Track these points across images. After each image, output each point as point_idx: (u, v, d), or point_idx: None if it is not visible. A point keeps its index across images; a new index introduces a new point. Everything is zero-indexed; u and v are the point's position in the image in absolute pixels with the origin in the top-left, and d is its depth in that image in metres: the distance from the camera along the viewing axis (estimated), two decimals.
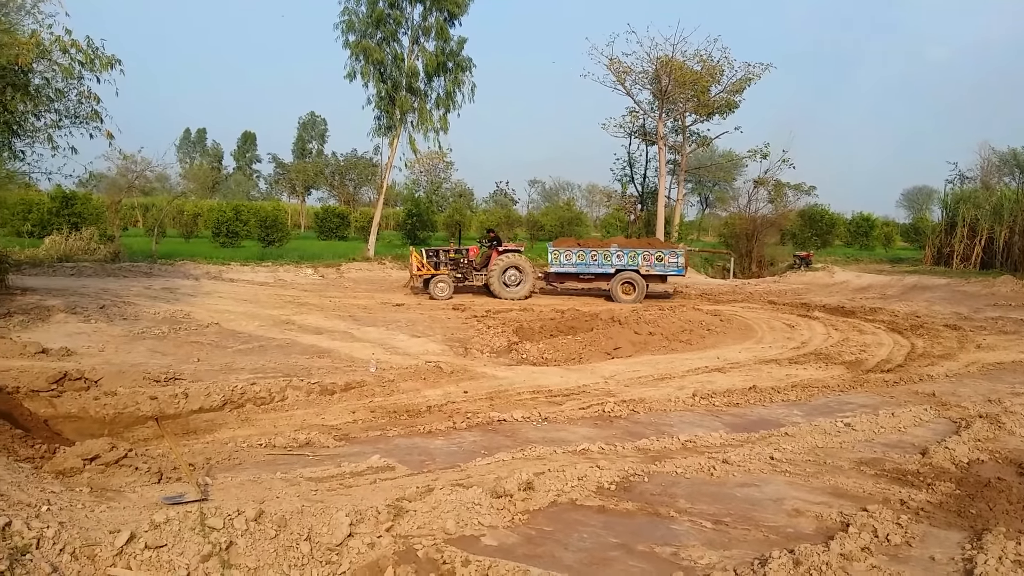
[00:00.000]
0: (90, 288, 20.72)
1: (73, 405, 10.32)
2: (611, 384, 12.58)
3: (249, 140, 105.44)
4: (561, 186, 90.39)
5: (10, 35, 14.89)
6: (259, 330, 16.55)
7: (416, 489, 6.82)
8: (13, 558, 4.77)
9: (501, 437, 9.51)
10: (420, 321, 18.83)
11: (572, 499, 6.96)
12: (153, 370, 11.96)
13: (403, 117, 35.70)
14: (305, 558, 5.45)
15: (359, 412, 10.67)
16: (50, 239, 30.19)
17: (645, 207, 47.58)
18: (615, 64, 41.94)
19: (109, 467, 7.33)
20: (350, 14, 34.39)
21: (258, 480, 7.41)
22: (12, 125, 15.78)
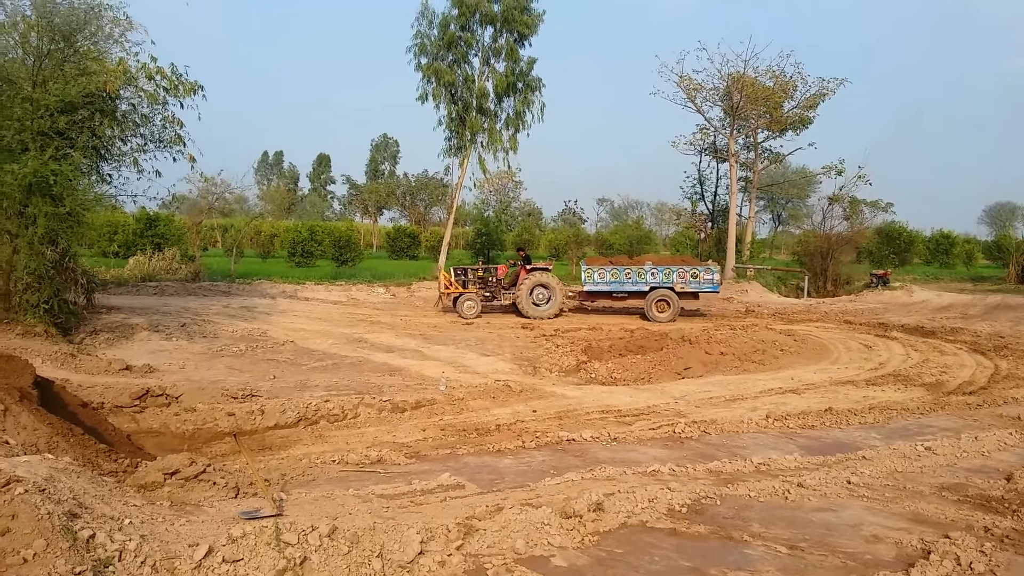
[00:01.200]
0: (172, 307, 21.41)
1: (155, 420, 10.68)
2: (682, 404, 12.44)
3: (324, 162, 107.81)
4: (630, 204, 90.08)
5: (99, 63, 15.57)
6: (332, 348, 16.86)
7: (486, 508, 6.85)
8: (96, 570, 4.94)
9: (570, 457, 9.48)
10: (489, 340, 18.93)
11: (643, 521, 6.89)
12: (231, 387, 12.30)
13: (473, 137, 36.03)
14: (377, 575, 5.52)
15: (429, 430, 10.77)
16: (134, 259, 31.33)
17: (716, 225, 47.07)
18: (685, 81, 41.76)
19: (188, 481, 7.54)
20: (422, 37, 34.97)
21: (331, 496, 7.53)
22: (100, 149, 16.45)
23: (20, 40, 14.94)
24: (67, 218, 14.63)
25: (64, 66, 15.08)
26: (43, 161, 13.98)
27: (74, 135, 15.22)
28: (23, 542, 5.06)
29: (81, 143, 15.37)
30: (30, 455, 7.00)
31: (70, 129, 15.06)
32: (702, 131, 45.18)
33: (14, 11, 14.90)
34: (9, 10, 14.90)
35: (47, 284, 14.99)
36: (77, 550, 5.07)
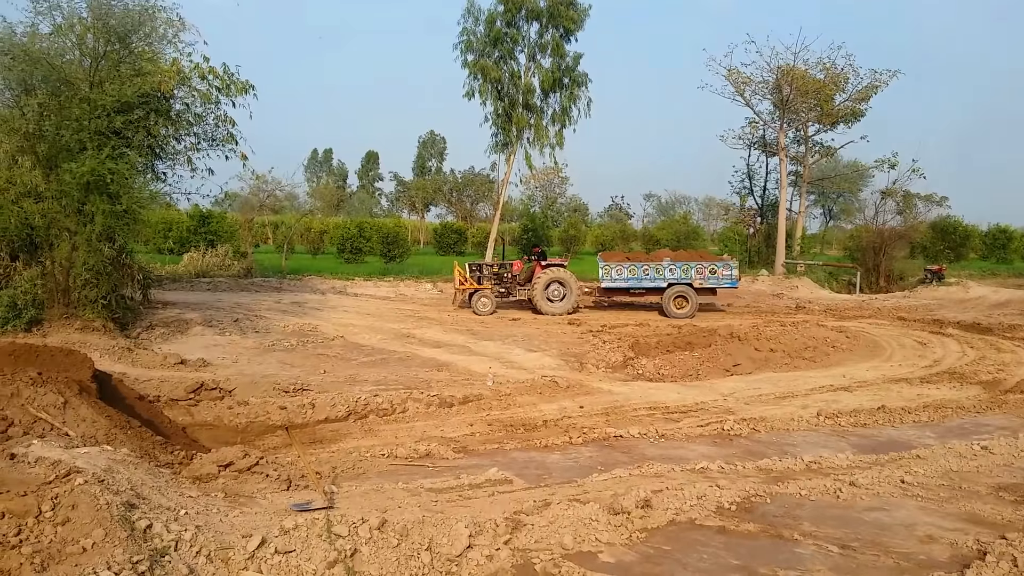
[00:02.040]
0: (225, 302, 21.78)
1: (209, 414, 10.91)
2: (730, 402, 12.33)
3: (372, 159, 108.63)
4: (677, 199, 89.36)
5: (153, 64, 15.90)
6: (381, 343, 17.02)
7: (533, 503, 6.87)
8: (153, 559, 5.06)
9: (618, 453, 9.46)
10: (536, 336, 18.94)
11: (691, 518, 6.86)
12: (282, 381, 12.50)
13: (519, 134, 36.03)
14: (426, 568, 5.58)
15: (477, 425, 10.83)
16: (188, 256, 31.95)
17: (765, 220, 46.41)
18: (734, 75, 41.18)
19: (242, 474, 7.69)
20: (468, 34, 35.06)
21: (381, 489, 7.62)
22: (155, 148, 16.81)
23: (77, 42, 15.30)
24: (124, 215, 14.96)
25: (120, 67, 15.41)
26: (100, 160, 14.31)
27: (130, 134, 15.56)
28: (83, 531, 5.20)
29: (137, 142, 15.72)
30: (89, 447, 7.19)
31: (126, 128, 15.40)
32: (751, 125, 44.54)
33: (71, 13, 15.26)
34: (66, 12, 15.27)
35: (105, 280, 15.35)
36: (135, 540, 5.21)
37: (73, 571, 4.73)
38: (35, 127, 14.51)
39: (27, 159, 15.37)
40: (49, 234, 15.10)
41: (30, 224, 14.89)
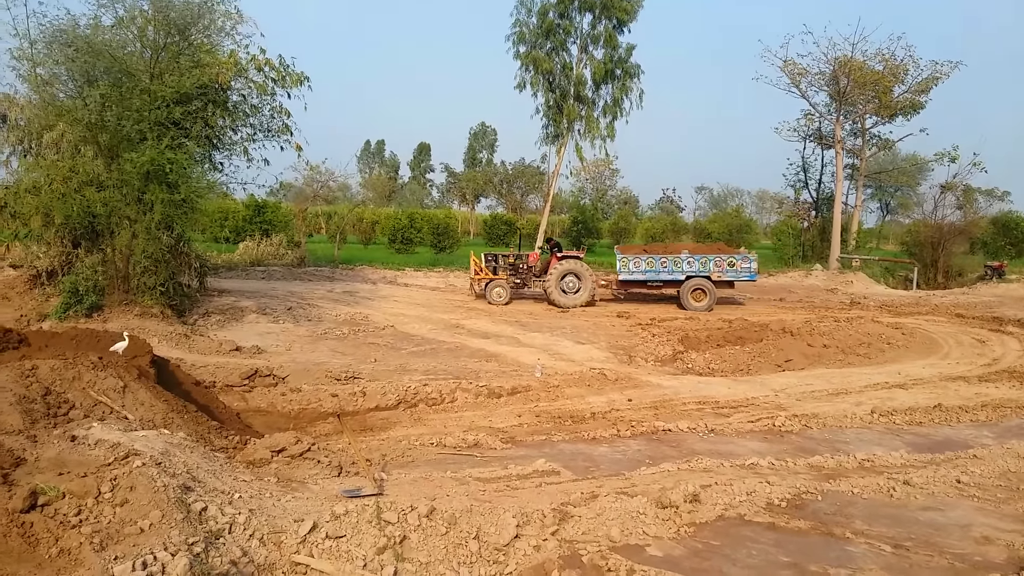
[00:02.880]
0: (279, 291, 22.13)
1: (262, 400, 11.12)
2: (782, 397, 12.18)
3: (424, 151, 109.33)
4: (729, 192, 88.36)
5: (211, 55, 16.19)
6: (431, 333, 17.13)
7: (581, 495, 6.88)
8: (208, 541, 5.18)
9: (666, 447, 9.42)
10: (584, 328, 18.90)
11: (740, 514, 6.80)
12: (334, 369, 12.67)
13: (570, 125, 35.94)
14: (473, 556, 5.62)
15: (525, 416, 10.85)
16: (244, 244, 32.53)
17: (820, 214, 45.64)
18: (789, 66, 40.51)
19: (294, 459, 7.82)
20: (521, 26, 35.07)
21: (429, 478, 7.69)
22: (212, 139, 17.14)
23: (138, 34, 15.64)
24: (182, 204, 15.28)
25: (179, 59, 15.71)
26: (160, 150, 14.63)
27: (188, 125, 15.88)
28: (140, 512, 5.34)
29: (195, 133, 16.04)
30: (147, 430, 7.37)
31: (184, 119, 15.72)
32: (807, 117, 43.80)
33: (132, 6, 15.61)
34: (128, 5, 15.61)
35: (163, 268, 15.70)
36: (190, 521, 5.33)
37: (131, 551, 4.86)
38: (97, 117, 14.87)
39: (89, 149, 15.76)
40: (110, 222, 15.48)
41: (92, 212, 15.27)
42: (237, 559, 5.11)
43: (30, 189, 15.70)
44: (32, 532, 5.04)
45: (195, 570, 4.67)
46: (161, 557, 4.73)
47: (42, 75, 15.36)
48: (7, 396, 7.47)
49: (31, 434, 6.92)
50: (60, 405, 7.70)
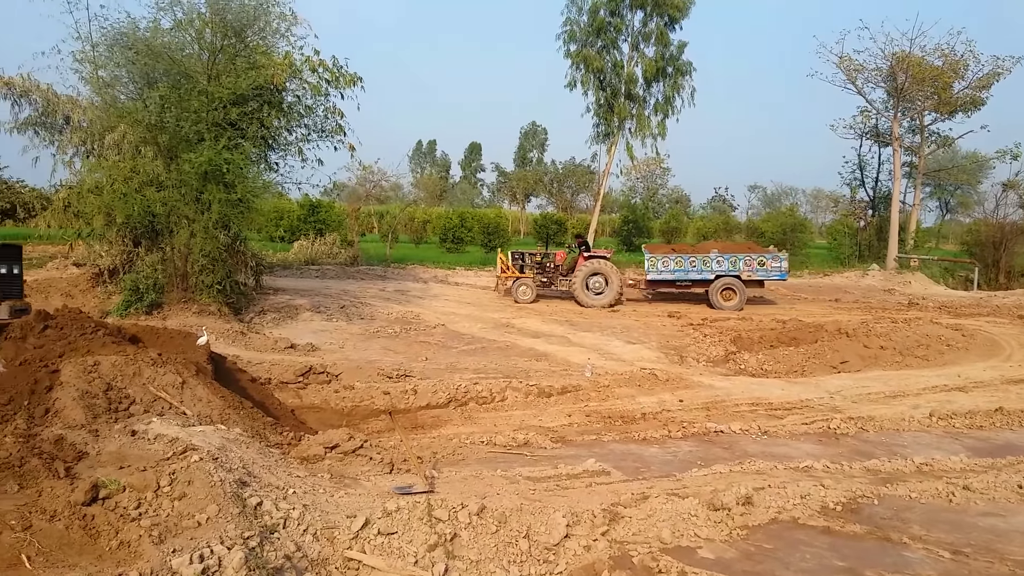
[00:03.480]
0: (332, 289, 22.40)
1: (316, 397, 11.28)
2: (837, 399, 11.97)
3: (475, 150, 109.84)
4: (783, 191, 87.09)
5: (267, 57, 16.45)
6: (481, 332, 17.19)
7: (631, 496, 6.84)
8: (263, 535, 5.27)
9: (718, 449, 9.32)
10: (635, 328, 18.79)
11: (794, 517, 6.71)
12: (386, 367, 12.80)
13: (621, 124, 35.78)
14: (523, 555, 5.63)
15: (575, 416, 10.83)
16: (298, 244, 33.04)
17: (877, 213, 44.73)
18: (845, 62, 39.76)
19: (347, 456, 7.92)
20: (572, 24, 35.01)
21: (480, 476, 7.72)
22: (268, 139, 17.43)
23: (196, 36, 15.96)
24: (238, 204, 15.57)
25: (235, 60, 15.99)
26: (217, 150, 14.92)
27: (244, 126, 16.18)
28: (198, 506, 5.46)
29: (251, 133, 16.32)
30: (205, 426, 7.53)
31: (241, 120, 16.02)
32: (863, 114, 43.00)
33: (191, 9, 15.92)
34: (186, 8, 15.93)
35: (220, 266, 16.02)
36: (246, 516, 5.42)
37: (188, 544, 4.96)
38: (157, 119, 15.23)
39: (149, 149, 16.15)
40: (169, 221, 15.84)
41: (152, 212, 15.64)
42: (291, 554, 5.18)
43: (92, 189, 16.15)
44: (93, 524, 5.18)
45: (250, 564, 4.74)
46: (218, 550, 4.82)
47: (104, 77, 15.76)
48: (70, 391, 7.69)
49: (93, 428, 7.12)
50: (121, 400, 7.90)
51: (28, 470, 6.10)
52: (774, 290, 26.91)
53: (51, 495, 5.51)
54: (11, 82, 19.33)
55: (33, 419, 7.30)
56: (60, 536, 5.05)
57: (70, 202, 18.20)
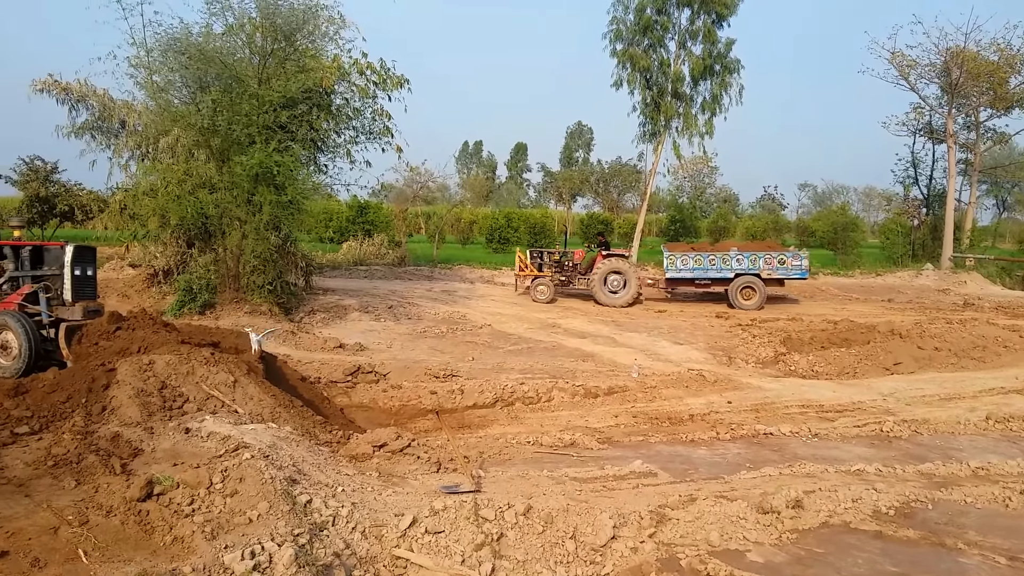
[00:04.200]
0: (380, 290, 22.61)
1: (365, 396, 11.41)
2: (890, 402, 11.75)
3: (521, 151, 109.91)
4: (834, 189, 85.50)
5: (316, 60, 16.64)
6: (527, 332, 17.21)
7: (679, 498, 6.80)
8: (313, 533, 5.34)
9: (767, 451, 9.22)
10: (683, 328, 18.66)
11: (845, 521, 6.60)
12: (433, 367, 12.87)
13: (668, 123, 35.52)
14: (570, 556, 5.63)
15: (621, 416, 10.79)
16: (347, 244, 33.44)
17: (931, 211, 43.76)
18: (898, 58, 38.94)
19: (395, 455, 7.99)
20: (618, 23, 34.85)
21: (526, 476, 7.73)
22: (317, 142, 17.64)
23: (247, 41, 16.19)
24: (289, 205, 15.78)
25: (285, 64, 16.20)
26: (268, 153, 15.13)
27: (294, 128, 16.39)
28: (249, 503, 5.56)
29: (300, 136, 16.54)
30: (256, 424, 7.66)
31: (291, 123, 16.23)
32: (916, 110, 42.02)
33: (242, 13, 16.14)
34: (237, 13, 16.16)
35: (271, 267, 16.27)
36: (296, 513, 5.51)
37: (240, 540, 5.06)
38: (209, 122, 15.49)
39: (202, 152, 16.46)
40: (221, 223, 16.14)
41: (204, 213, 15.94)
42: (340, 551, 5.25)
43: (147, 192, 16.51)
44: (148, 520, 5.31)
45: (300, 561, 4.81)
46: (268, 547, 4.90)
47: (158, 82, 16.07)
48: (127, 389, 7.89)
49: (148, 426, 7.30)
50: (175, 399, 8.09)
51: (85, 466, 6.28)
52: (822, 290, 26.48)
53: (107, 491, 5.65)
54: (69, 87, 19.83)
55: (91, 416, 7.51)
56: (116, 531, 5.18)
57: (126, 204, 18.63)
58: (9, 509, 5.42)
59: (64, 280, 10.08)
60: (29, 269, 10.24)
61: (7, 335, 9.46)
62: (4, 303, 9.95)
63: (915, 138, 44.22)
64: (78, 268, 10.15)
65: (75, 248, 10.18)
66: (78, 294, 10.13)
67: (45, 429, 7.25)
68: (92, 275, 10.59)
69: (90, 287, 10.53)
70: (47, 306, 9.84)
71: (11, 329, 9.40)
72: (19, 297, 9.96)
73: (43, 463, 6.39)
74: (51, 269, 10.25)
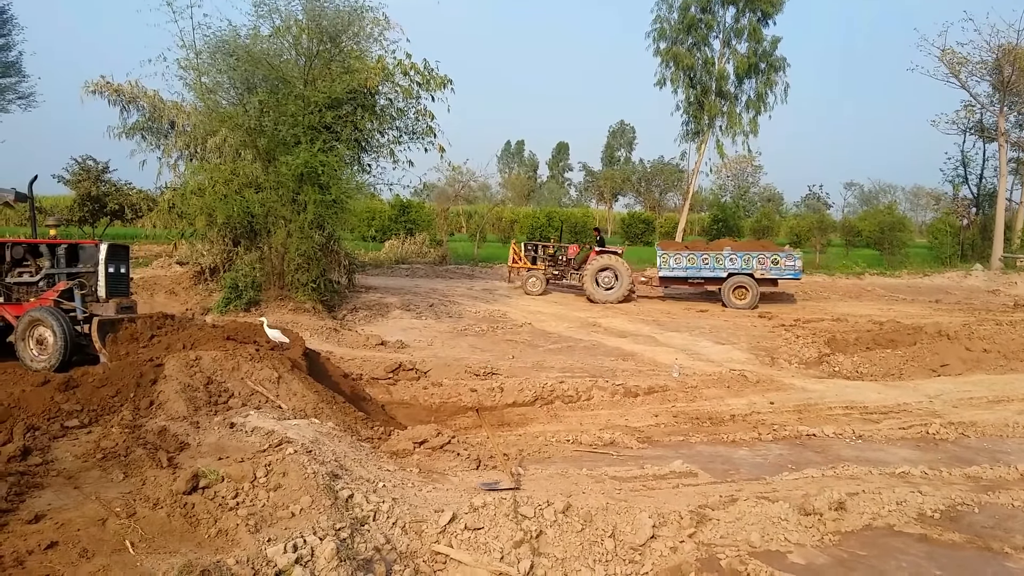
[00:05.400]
0: (421, 288, 22.77)
1: (405, 393, 11.50)
2: (936, 404, 11.55)
3: (562, 150, 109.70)
4: (881, 188, 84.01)
5: (360, 61, 16.80)
6: (567, 331, 17.21)
7: (719, 498, 6.76)
8: (354, 527, 5.41)
9: (810, 452, 9.13)
10: (724, 328, 18.51)
11: (889, 524, 6.52)
12: (473, 364, 12.94)
13: (711, 121, 35.31)
14: (609, 554, 5.63)
15: (661, 416, 10.76)
16: (389, 243, 33.72)
17: (981, 211, 42.87)
18: (948, 55, 38.19)
19: (435, 451, 8.06)
20: (661, 22, 34.78)
21: (565, 474, 7.75)
22: (361, 142, 17.82)
23: (293, 42, 16.41)
24: (333, 205, 15.98)
25: (331, 65, 16.39)
26: (312, 153, 15.33)
27: (339, 128, 16.58)
28: (292, 497, 5.64)
29: (345, 136, 16.72)
30: (299, 419, 7.78)
31: (335, 123, 16.43)
32: (966, 108, 41.18)
33: (288, 16, 16.37)
34: (284, 15, 16.38)
35: (315, 265, 16.48)
36: (337, 508, 5.59)
37: (283, 534, 5.13)
38: (256, 123, 15.74)
39: (249, 152, 16.72)
40: (267, 222, 16.39)
41: (250, 212, 16.20)
42: (380, 546, 5.31)
43: (195, 191, 16.81)
44: (193, 513, 5.41)
45: (341, 555, 4.88)
46: (311, 541, 4.97)
47: (206, 83, 16.34)
48: (174, 384, 8.06)
49: (194, 420, 7.45)
50: (220, 394, 8.24)
51: (133, 459, 6.42)
52: (868, 290, 26.08)
53: (154, 484, 5.78)
54: (120, 89, 20.21)
55: (138, 411, 7.68)
56: (162, 523, 5.28)
57: (174, 203, 18.98)
58: (59, 501, 5.55)
59: (98, 277, 10.31)
60: (64, 267, 10.49)
61: (44, 330, 9.73)
62: (40, 299, 10.22)
63: (965, 136, 43.40)
64: (112, 266, 10.39)
65: (109, 246, 10.42)
66: (112, 291, 10.38)
67: (94, 423, 7.41)
68: (125, 272, 10.84)
69: (123, 284, 10.78)
70: (81, 302, 10.08)
71: (48, 325, 9.67)
72: (55, 294, 10.21)
73: (92, 456, 6.53)
74: (86, 267, 10.48)
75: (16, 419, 7.15)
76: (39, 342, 9.77)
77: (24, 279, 10.47)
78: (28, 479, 5.87)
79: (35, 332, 9.77)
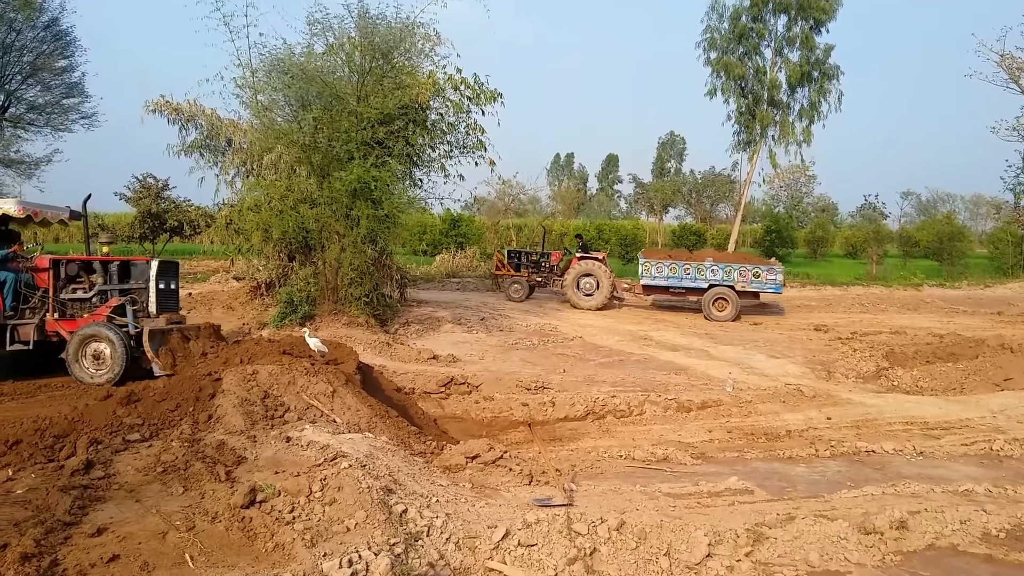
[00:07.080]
0: (472, 302, 22.87)
1: (457, 407, 11.56)
2: (1000, 419, 11.22)
3: (612, 162, 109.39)
4: (939, 198, 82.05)
5: (412, 77, 16.98)
6: (618, 344, 17.12)
7: (776, 516, 6.66)
8: (408, 543, 5.44)
9: (869, 469, 8.95)
10: (779, 341, 18.25)
11: (953, 544, 6.35)
12: (524, 379, 12.93)
13: (763, 131, 34.92)
14: (664, 573, 5.58)
15: (715, 431, 10.64)
16: (440, 257, 33.95)
17: None
18: (1007, 60, 37.21)
19: (487, 466, 8.06)
20: (712, 32, 34.56)
21: (618, 491, 7.70)
22: (412, 156, 17.98)
23: (346, 60, 16.63)
24: (385, 219, 16.15)
25: (383, 81, 16.57)
26: (365, 168, 15.51)
27: (391, 144, 16.76)
28: (347, 512, 5.70)
29: (396, 151, 16.90)
30: (353, 433, 7.86)
31: (387, 139, 16.62)
32: None
33: (341, 33, 16.60)
34: (337, 33, 16.62)
35: (368, 279, 16.65)
36: (392, 523, 5.62)
37: (338, 548, 5.18)
38: (310, 139, 15.99)
39: (303, 169, 16.97)
40: (321, 237, 16.62)
41: (305, 228, 16.44)
42: (434, 561, 5.33)
43: (252, 207, 17.12)
44: (251, 527, 5.49)
45: (396, 570, 4.91)
46: (365, 556, 5.01)
47: (262, 101, 16.65)
48: (231, 399, 8.20)
49: (251, 435, 7.56)
50: (277, 408, 8.36)
51: (192, 473, 6.54)
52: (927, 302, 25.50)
53: (213, 497, 5.88)
54: (179, 108, 20.69)
55: (197, 424, 7.84)
56: (220, 537, 5.37)
57: (231, 219, 19.34)
58: (121, 514, 5.66)
59: (149, 293, 10.59)
60: (116, 283, 10.78)
61: (99, 345, 10.01)
62: (93, 315, 10.51)
63: None
64: (162, 282, 10.68)
65: (159, 263, 10.72)
66: (162, 306, 10.67)
67: (155, 436, 7.56)
68: (175, 288, 11.12)
69: (173, 300, 11.06)
70: (133, 318, 10.33)
71: (106, 339, 9.94)
72: (107, 309, 10.51)
73: (153, 469, 6.66)
74: (137, 283, 10.79)
75: (80, 433, 7.31)
76: (96, 357, 10.05)
77: (78, 295, 10.79)
78: (91, 492, 5.99)
79: (89, 348, 10.06)
